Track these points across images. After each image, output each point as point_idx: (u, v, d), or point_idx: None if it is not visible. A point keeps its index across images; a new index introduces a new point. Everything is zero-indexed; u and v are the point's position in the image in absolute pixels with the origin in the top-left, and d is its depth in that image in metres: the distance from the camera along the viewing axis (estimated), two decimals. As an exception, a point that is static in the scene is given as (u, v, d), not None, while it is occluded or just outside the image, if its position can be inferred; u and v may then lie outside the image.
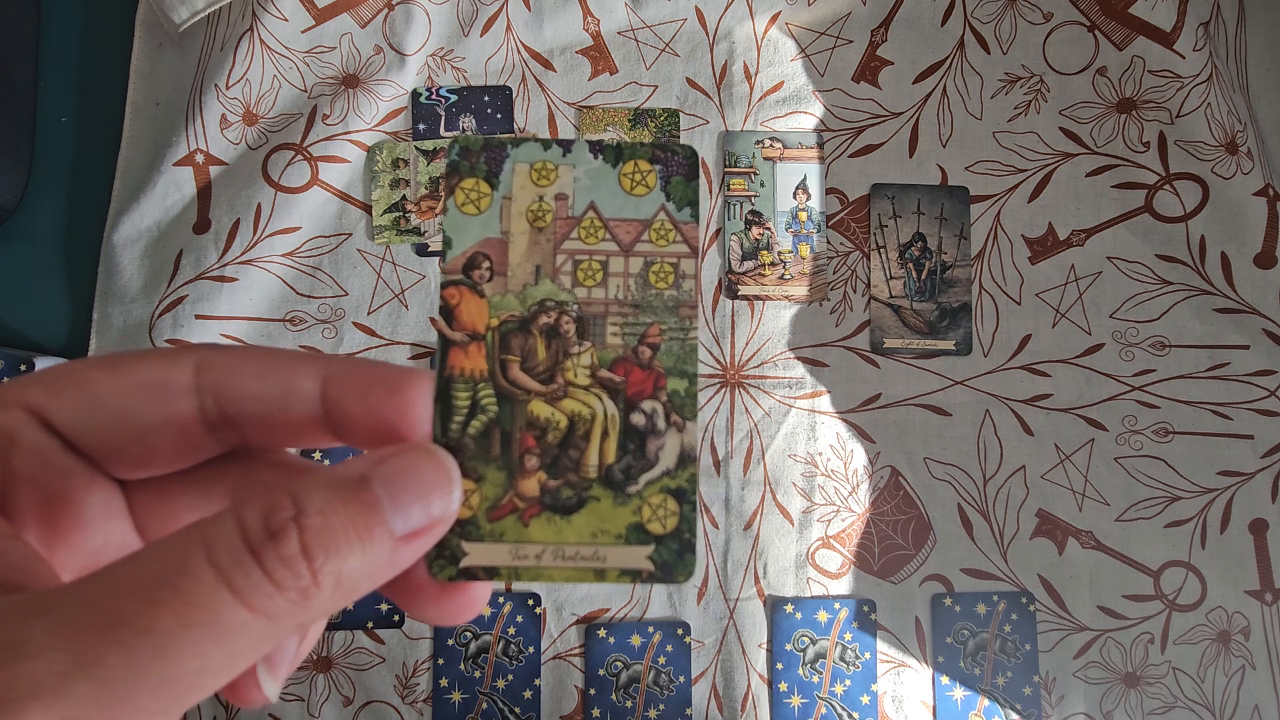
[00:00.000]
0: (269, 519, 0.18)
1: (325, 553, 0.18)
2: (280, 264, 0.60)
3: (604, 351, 0.23)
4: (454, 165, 0.23)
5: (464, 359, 0.23)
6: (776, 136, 0.62)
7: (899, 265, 0.61)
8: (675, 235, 0.23)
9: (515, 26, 0.62)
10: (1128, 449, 0.59)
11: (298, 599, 0.18)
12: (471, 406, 0.22)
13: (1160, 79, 0.61)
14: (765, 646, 0.57)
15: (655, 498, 0.23)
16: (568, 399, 0.23)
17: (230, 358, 0.22)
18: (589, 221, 0.23)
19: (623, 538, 0.23)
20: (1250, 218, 0.60)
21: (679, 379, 0.23)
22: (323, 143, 0.60)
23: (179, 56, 0.61)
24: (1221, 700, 0.57)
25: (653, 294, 0.23)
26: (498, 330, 0.23)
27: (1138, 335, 0.60)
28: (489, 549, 0.22)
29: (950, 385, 0.60)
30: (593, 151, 0.23)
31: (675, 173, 0.23)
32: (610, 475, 0.23)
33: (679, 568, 0.23)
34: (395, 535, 0.19)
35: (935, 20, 0.63)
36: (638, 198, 0.23)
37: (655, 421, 0.23)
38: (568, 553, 0.22)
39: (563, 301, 0.23)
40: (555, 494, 0.23)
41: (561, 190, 0.23)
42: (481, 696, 0.56)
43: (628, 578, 0.22)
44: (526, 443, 0.23)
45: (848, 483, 0.59)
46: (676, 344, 0.23)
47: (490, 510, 0.22)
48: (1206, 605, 0.58)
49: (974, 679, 0.57)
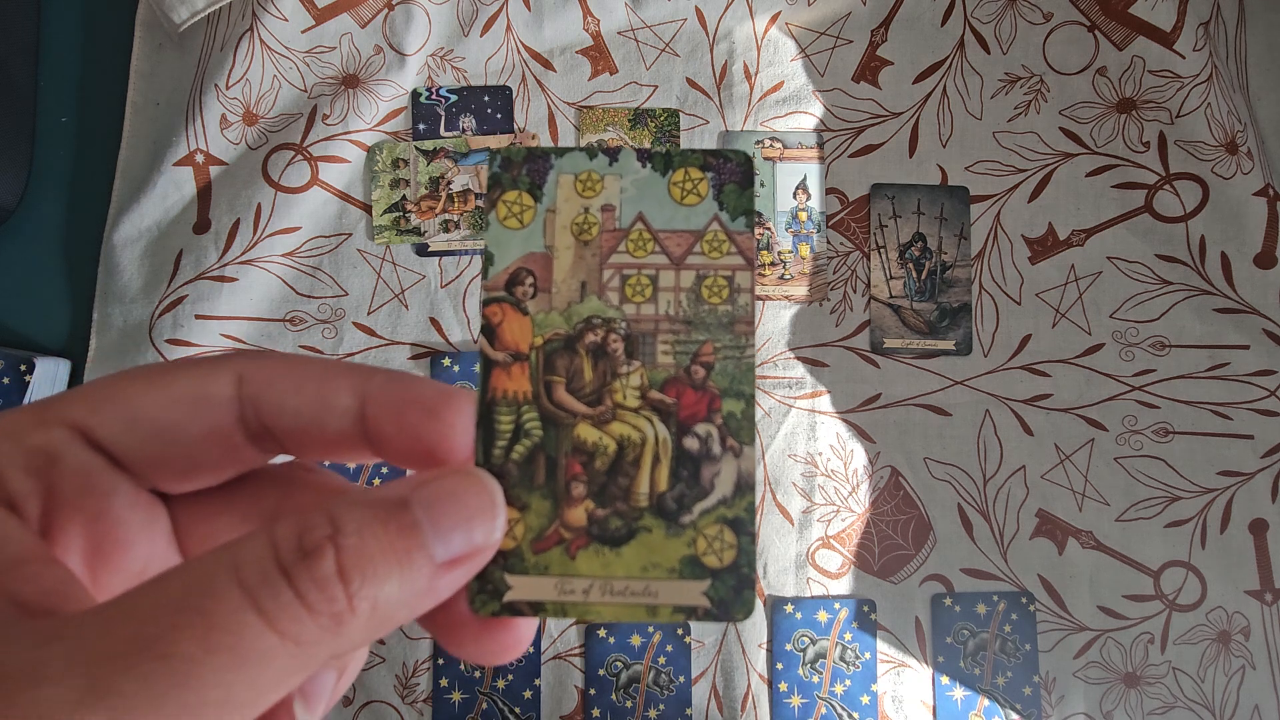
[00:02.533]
0: (304, 537, 0.17)
1: (362, 576, 0.17)
2: (280, 264, 0.60)
3: (654, 372, 0.22)
4: (495, 178, 0.22)
5: (507, 380, 0.22)
6: (776, 136, 0.62)
7: (899, 265, 0.61)
8: (729, 246, 0.22)
9: (515, 26, 0.62)
10: (1128, 449, 0.59)
11: (330, 624, 0.17)
12: (515, 430, 0.21)
13: (1160, 79, 0.61)
14: (765, 646, 0.57)
15: (711, 529, 0.21)
16: (616, 422, 0.22)
17: (269, 369, 0.21)
18: (637, 234, 0.22)
19: (676, 571, 0.21)
20: (1250, 218, 0.60)
21: (735, 400, 0.22)
22: (323, 143, 0.60)
23: (179, 56, 0.61)
24: (1221, 700, 0.57)
25: (706, 310, 0.22)
26: (542, 350, 0.22)
27: (1138, 335, 0.60)
28: (534, 582, 0.21)
29: (950, 385, 0.60)
30: (641, 160, 0.22)
31: (728, 180, 0.22)
32: (662, 504, 0.21)
33: (737, 605, 0.21)
34: (435, 562, 0.18)
35: (935, 20, 0.63)
36: (689, 207, 0.22)
37: (710, 446, 0.21)
38: (617, 587, 0.21)
39: (610, 319, 0.22)
40: (603, 524, 0.21)
41: (608, 201, 0.22)
42: (481, 696, 0.56)
43: (681, 615, 0.21)
44: (573, 469, 0.21)
45: (848, 483, 0.59)
46: (732, 363, 0.22)
47: (535, 541, 0.21)
48: (1206, 605, 0.58)
49: (974, 679, 0.57)
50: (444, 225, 0.61)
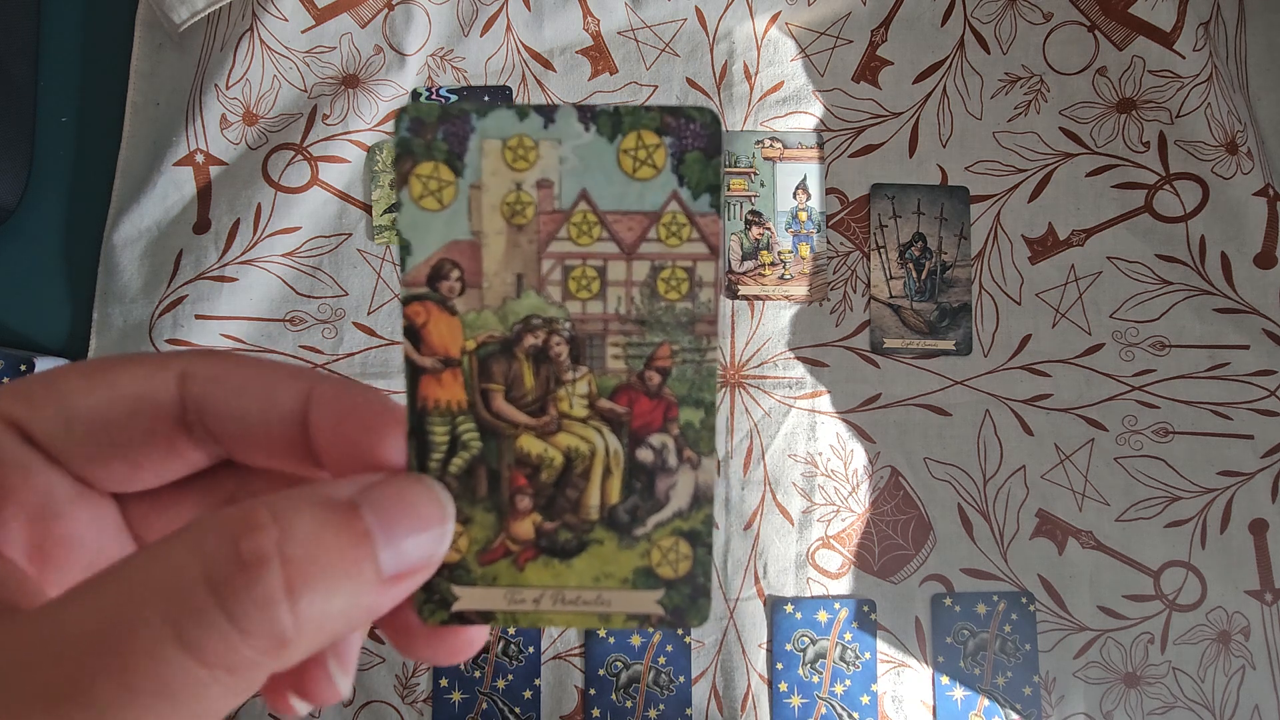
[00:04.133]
0: (242, 542, 0.15)
1: (311, 591, 0.15)
2: (280, 264, 0.60)
3: (604, 378, 0.20)
4: (404, 144, 0.19)
5: (438, 388, 0.19)
6: (776, 136, 0.62)
7: (899, 265, 0.61)
8: (690, 231, 0.19)
9: (515, 26, 0.62)
10: (1128, 449, 0.59)
11: (269, 648, 0.15)
12: (451, 443, 0.19)
13: (1160, 79, 0.61)
14: (765, 646, 0.57)
15: (666, 541, 0.20)
16: (562, 433, 0.20)
17: (214, 369, 0.20)
18: (581, 216, 0.19)
19: (629, 582, 0.20)
20: (1250, 218, 0.60)
21: (694, 409, 0.20)
22: (323, 143, 0.60)
23: (179, 56, 0.61)
24: (1221, 700, 0.57)
25: (662, 307, 0.19)
26: (475, 354, 0.19)
27: (1138, 335, 0.60)
28: (482, 593, 0.20)
29: (950, 385, 0.60)
30: (583, 121, 0.19)
31: (691, 146, 0.19)
32: (614, 517, 0.20)
33: (692, 612, 0.20)
34: (383, 575, 0.17)
35: (935, 20, 0.63)
36: (642, 181, 0.19)
37: (665, 458, 0.20)
38: (568, 596, 0.20)
39: (552, 319, 0.19)
40: (552, 536, 0.20)
41: (545, 175, 0.19)
42: (481, 696, 0.56)
43: (635, 622, 0.20)
44: (517, 482, 0.20)
45: (848, 483, 0.59)
46: (691, 367, 0.19)
47: (481, 553, 0.20)
48: (1206, 605, 0.58)
49: (974, 679, 0.57)
50: (444, 225, 0.61)
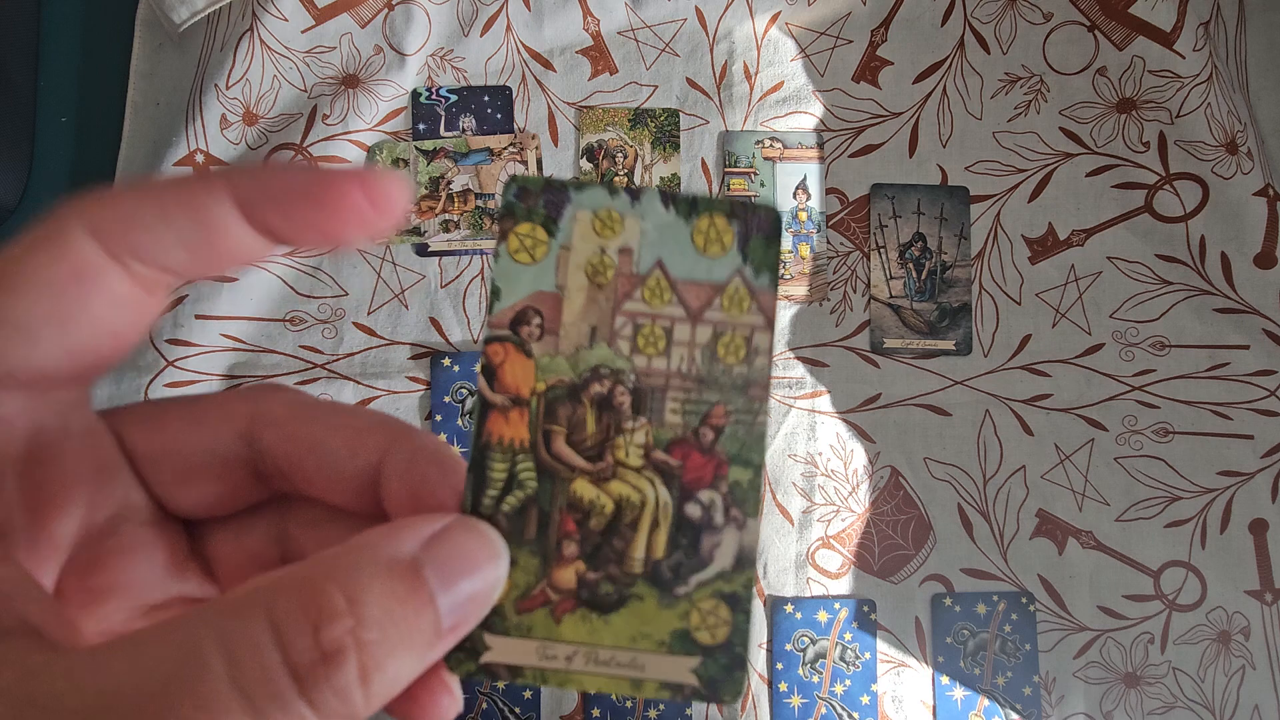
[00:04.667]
0: (321, 631, 0.14)
1: (382, 672, 0.15)
2: (280, 264, 0.60)
3: (661, 430, 0.21)
4: (510, 207, 0.21)
5: (504, 426, 0.20)
6: (776, 136, 0.62)
7: (899, 265, 0.61)
8: (750, 304, 0.21)
9: (515, 26, 0.62)
10: (1128, 449, 0.59)
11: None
12: (508, 480, 0.20)
13: (1160, 79, 0.61)
14: (765, 646, 0.57)
15: (706, 603, 0.20)
16: (616, 481, 0.20)
17: (120, 209, 0.18)
18: (655, 281, 0.21)
19: (666, 645, 0.20)
20: (1250, 218, 0.60)
21: (743, 469, 0.21)
22: (323, 143, 0.60)
23: (179, 56, 0.61)
24: (1221, 700, 0.57)
25: (720, 369, 0.21)
26: (544, 396, 0.20)
27: (1138, 335, 0.60)
28: (514, 645, 0.20)
29: (950, 385, 0.60)
30: (664, 203, 0.21)
31: (755, 232, 0.21)
32: (658, 572, 0.20)
33: (727, 686, 0.20)
34: (442, 631, 0.17)
35: (935, 20, 0.63)
36: (711, 258, 0.21)
37: (713, 515, 0.20)
38: (602, 656, 0.20)
39: (619, 370, 0.21)
40: (594, 588, 0.20)
41: (626, 244, 0.21)
42: (481, 696, 0.56)
43: (668, 692, 0.20)
44: (566, 527, 0.20)
45: (848, 483, 0.59)
46: (743, 429, 0.21)
47: (520, 600, 0.20)
48: (1206, 605, 0.58)
49: (974, 679, 0.57)
50: (444, 225, 0.61)
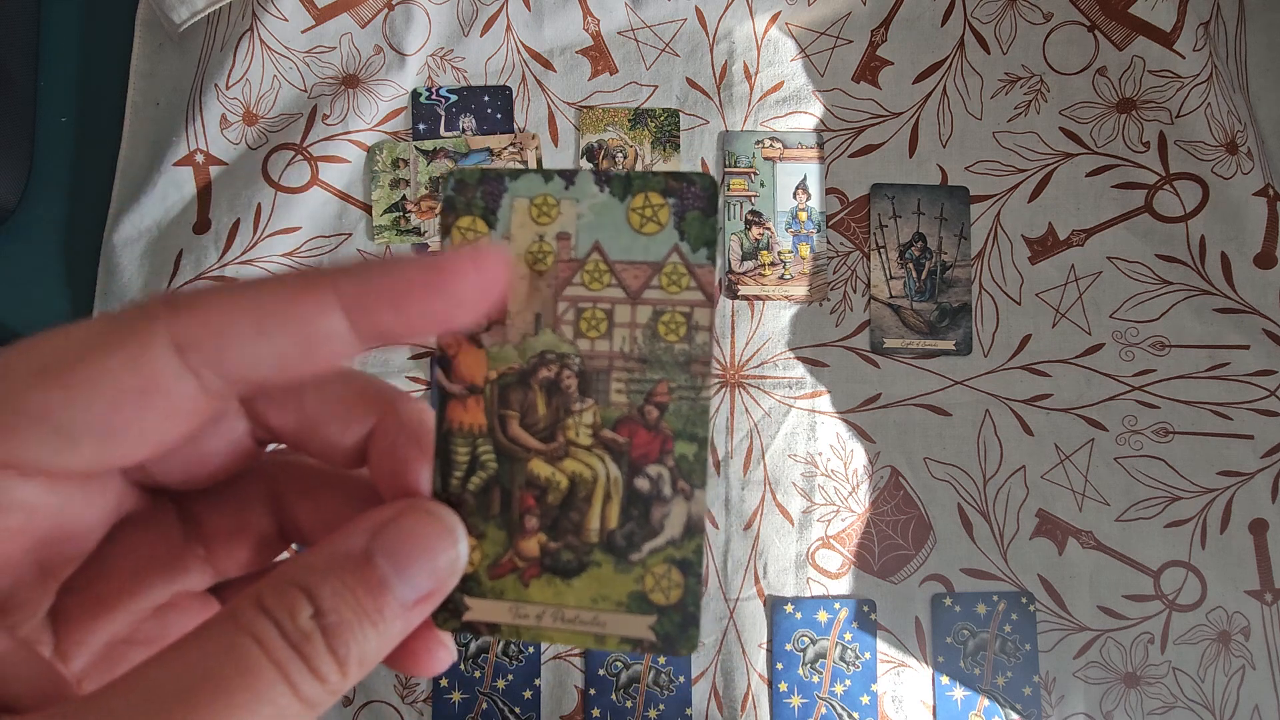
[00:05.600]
0: (295, 620, 0.18)
1: (346, 645, 0.19)
2: (280, 264, 0.60)
3: (607, 410, 0.22)
4: (449, 202, 0.22)
5: (463, 413, 0.22)
6: (776, 136, 0.62)
7: (899, 265, 0.61)
8: (689, 280, 0.21)
9: (515, 26, 0.62)
10: (1128, 449, 0.59)
11: (335, 688, 0.19)
12: (471, 462, 0.22)
13: (1160, 79, 0.61)
14: (765, 646, 0.57)
15: (659, 567, 0.22)
16: (569, 459, 0.22)
17: (213, 321, 0.18)
18: (593, 264, 0.21)
19: (624, 605, 0.22)
20: (1250, 218, 0.60)
21: (688, 443, 0.22)
22: (323, 143, 0.60)
23: (179, 56, 0.61)
24: (1221, 700, 0.57)
25: (662, 347, 0.21)
26: (496, 384, 0.22)
27: (1138, 335, 0.60)
28: (490, 605, 0.22)
29: (950, 385, 0.60)
30: (598, 183, 0.21)
31: (691, 207, 0.21)
32: (612, 541, 0.22)
33: (682, 641, 0.22)
34: (405, 605, 0.19)
35: (935, 20, 0.63)
36: (648, 236, 0.21)
37: (660, 488, 0.22)
38: (568, 615, 0.22)
39: (564, 354, 0.22)
40: (555, 556, 0.22)
41: (564, 229, 0.21)
42: (481, 696, 0.56)
43: (628, 645, 0.22)
44: (526, 502, 0.22)
45: (848, 483, 0.59)
46: (686, 404, 0.21)
47: (491, 567, 0.22)
48: (1206, 605, 0.58)
49: (974, 679, 0.57)
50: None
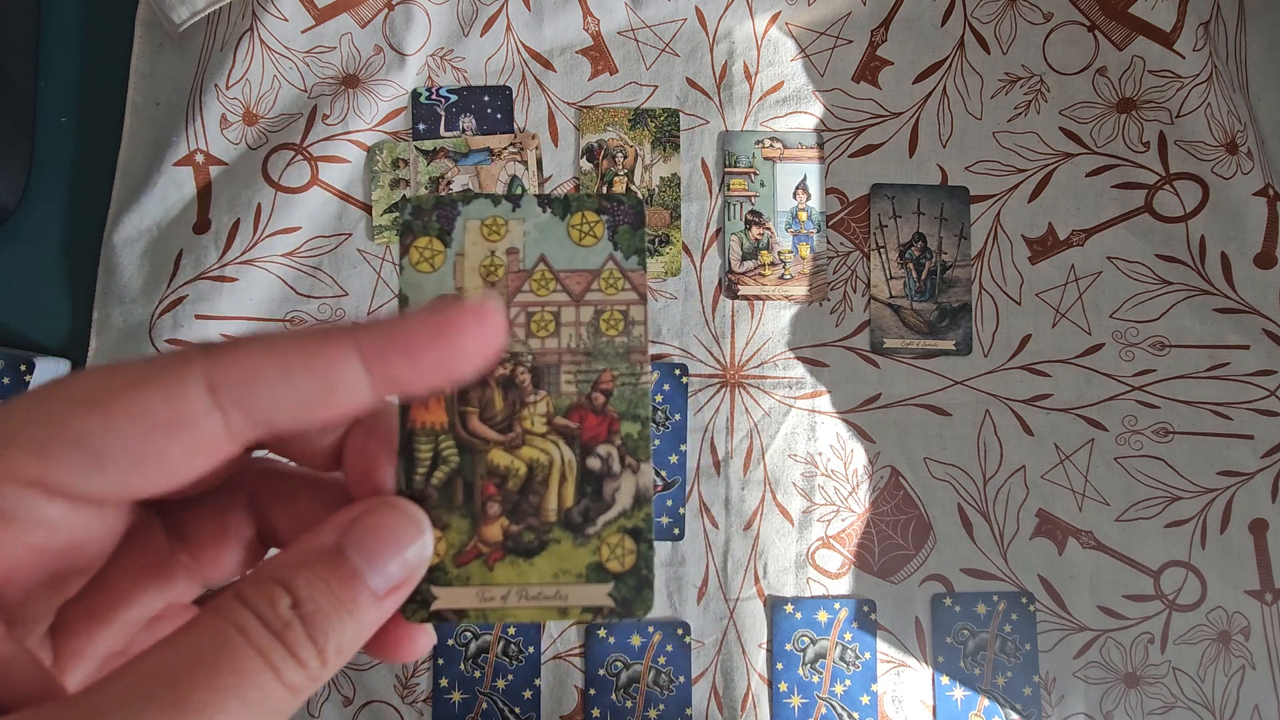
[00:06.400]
0: (275, 609, 0.19)
1: (324, 633, 0.19)
2: (280, 264, 0.60)
3: (559, 399, 0.24)
4: (407, 225, 0.24)
5: (424, 413, 0.23)
6: (776, 136, 0.62)
7: (899, 265, 0.61)
8: (624, 283, 0.24)
9: (515, 26, 0.62)
10: (1128, 449, 0.59)
11: (316, 674, 0.20)
12: (434, 458, 0.23)
13: (1160, 79, 0.61)
14: (765, 646, 0.57)
15: (613, 538, 0.23)
16: (526, 447, 0.24)
17: (245, 365, 0.20)
18: (540, 274, 0.24)
19: (583, 577, 0.23)
20: (1250, 218, 0.60)
21: (632, 423, 0.24)
22: (323, 143, 0.60)
23: (179, 56, 0.61)
24: (1221, 700, 0.57)
25: (604, 341, 0.24)
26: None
27: (1138, 335, 0.60)
28: (457, 592, 0.23)
29: (950, 385, 0.60)
30: (541, 205, 0.24)
31: (622, 222, 0.24)
32: (569, 518, 0.23)
33: (638, 603, 0.23)
34: (378, 595, 0.21)
35: (935, 20, 0.63)
36: (586, 248, 0.24)
37: (610, 465, 0.24)
38: (531, 593, 0.23)
39: (517, 353, 0.24)
40: (517, 538, 0.23)
41: (512, 245, 0.24)
42: (481, 696, 0.56)
43: (589, 614, 0.23)
44: (488, 490, 0.23)
45: (848, 483, 0.59)
46: (629, 389, 0.24)
47: (456, 556, 0.23)
48: (1206, 605, 0.58)
49: (974, 679, 0.57)
50: (444, 225, 0.61)
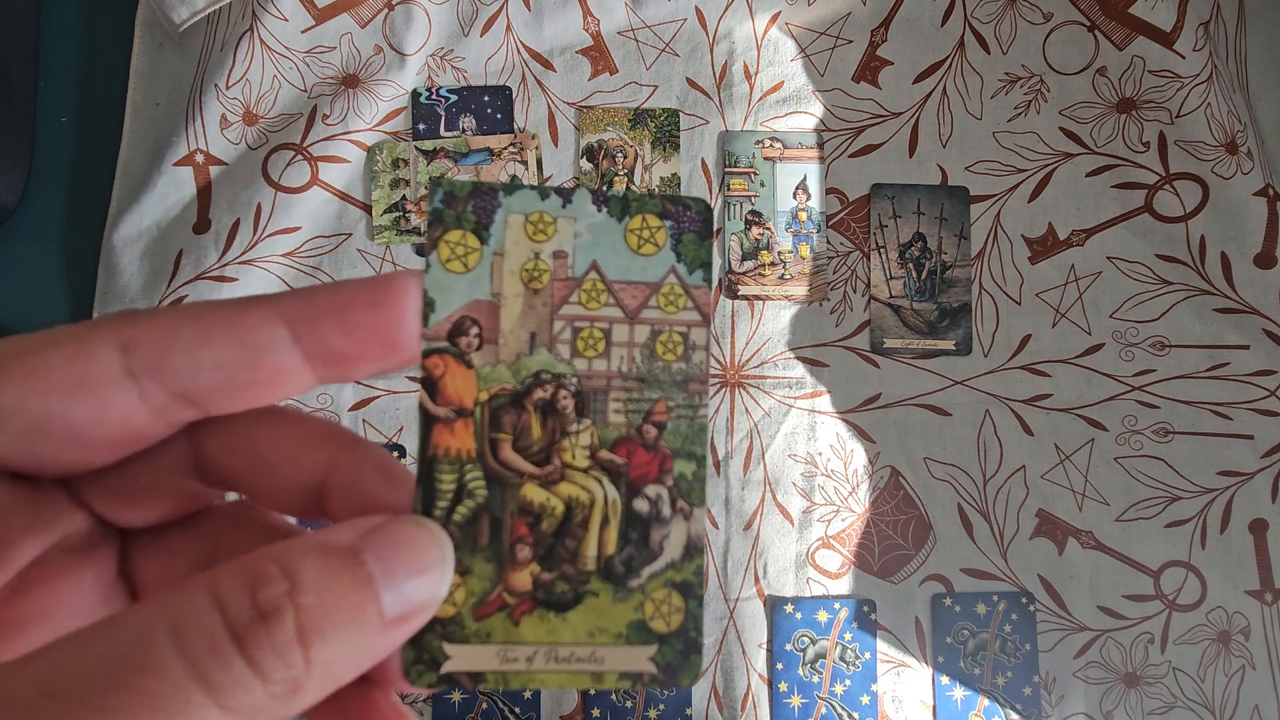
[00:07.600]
0: (258, 594, 0.15)
1: (321, 638, 0.15)
2: (280, 264, 0.60)
3: (605, 430, 0.21)
4: (437, 214, 0.20)
5: (450, 437, 0.20)
6: (776, 136, 0.62)
7: (899, 265, 0.61)
8: (686, 301, 0.21)
9: (515, 26, 0.62)
10: (1128, 449, 0.59)
11: (284, 693, 0.15)
12: (457, 490, 0.20)
13: (1160, 79, 0.61)
14: (765, 646, 0.57)
15: (659, 592, 0.21)
16: (564, 483, 0.21)
17: (158, 328, 0.18)
18: (591, 284, 0.21)
19: (623, 637, 0.20)
20: (1250, 218, 0.60)
21: (686, 461, 0.21)
22: (323, 143, 0.60)
23: (179, 56, 0.61)
24: (1221, 700, 0.57)
25: (659, 367, 0.21)
26: (487, 405, 0.20)
27: (1138, 335, 0.60)
28: (474, 651, 0.20)
29: (950, 385, 0.60)
30: (596, 203, 0.21)
31: (687, 230, 0.21)
32: (610, 567, 0.21)
33: (684, 670, 0.21)
34: (385, 617, 0.17)
35: (935, 20, 0.63)
36: (645, 257, 0.21)
37: (660, 508, 0.21)
38: (562, 654, 0.20)
39: (560, 374, 0.21)
40: (549, 588, 0.20)
41: (560, 247, 0.21)
42: (481, 696, 0.56)
43: (627, 681, 0.20)
44: (518, 531, 0.20)
45: (848, 483, 0.59)
46: (684, 423, 0.21)
47: (477, 607, 0.20)
48: (1206, 605, 0.58)
49: (974, 679, 0.57)
50: (444, 225, 0.61)
